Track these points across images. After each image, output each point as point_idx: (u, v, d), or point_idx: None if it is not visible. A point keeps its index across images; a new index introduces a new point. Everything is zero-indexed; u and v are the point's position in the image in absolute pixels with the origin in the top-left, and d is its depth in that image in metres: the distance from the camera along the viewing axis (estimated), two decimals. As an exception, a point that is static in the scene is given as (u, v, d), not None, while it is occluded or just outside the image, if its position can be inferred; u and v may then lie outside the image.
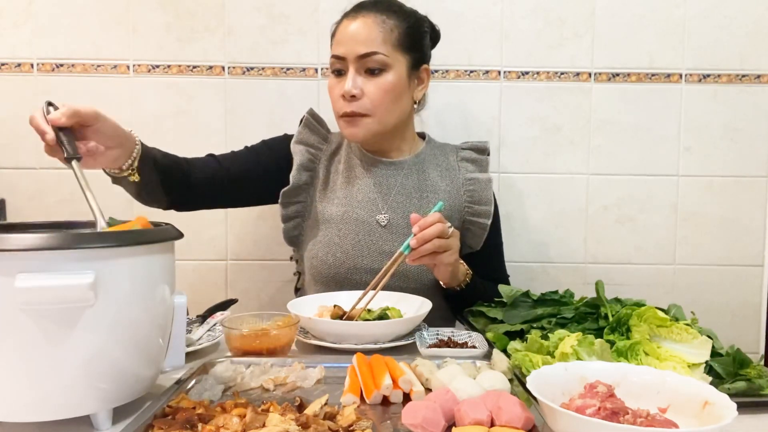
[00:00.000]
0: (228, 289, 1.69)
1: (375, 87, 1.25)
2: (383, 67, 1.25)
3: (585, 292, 1.17)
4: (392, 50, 1.25)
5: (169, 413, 0.73)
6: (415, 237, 1.09)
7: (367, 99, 1.25)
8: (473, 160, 1.40)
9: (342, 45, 1.25)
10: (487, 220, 1.35)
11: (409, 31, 1.28)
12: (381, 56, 1.24)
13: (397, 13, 1.28)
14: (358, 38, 1.24)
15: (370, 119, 1.27)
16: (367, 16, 1.25)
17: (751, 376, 0.85)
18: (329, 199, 1.35)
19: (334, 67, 1.28)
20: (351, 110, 1.25)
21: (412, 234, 1.10)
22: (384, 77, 1.25)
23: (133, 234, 0.76)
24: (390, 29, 1.25)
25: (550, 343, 0.89)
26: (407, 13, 1.30)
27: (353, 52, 1.24)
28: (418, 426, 0.69)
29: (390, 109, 1.28)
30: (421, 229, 1.10)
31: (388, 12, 1.26)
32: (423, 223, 1.10)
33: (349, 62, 1.25)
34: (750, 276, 1.71)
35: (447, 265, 1.16)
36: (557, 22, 1.65)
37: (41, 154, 0.94)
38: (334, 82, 1.28)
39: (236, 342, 0.97)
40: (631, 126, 1.67)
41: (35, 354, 0.69)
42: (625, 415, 0.66)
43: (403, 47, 1.27)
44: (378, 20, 1.25)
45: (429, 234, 1.09)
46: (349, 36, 1.25)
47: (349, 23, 1.26)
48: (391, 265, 1.13)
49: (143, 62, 1.63)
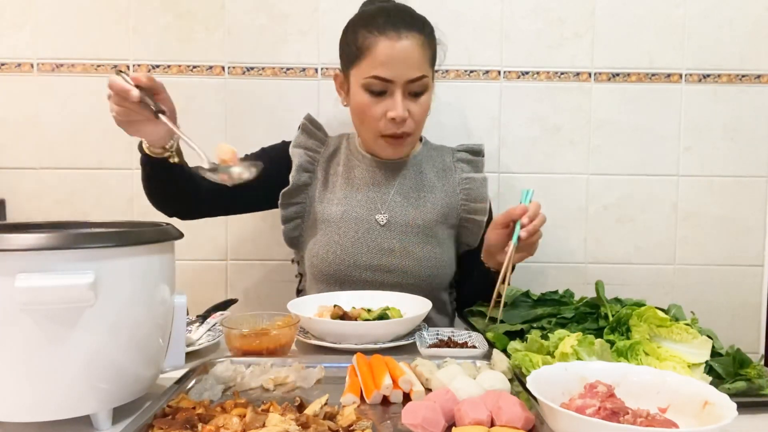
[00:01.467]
0: (228, 289, 1.69)
1: (419, 108, 1.28)
2: (426, 88, 1.28)
3: (585, 292, 1.17)
4: (430, 70, 1.28)
5: (169, 413, 0.73)
6: (526, 228, 1.11)
7: (412, 120, 1.28)
8: (469, 161, 1.41)
9: (389, 68, 1.23)
10: (483, 217, 1.36)
11: (434, 47, 1.31)
12: (426, 79, 1.27)
13: (427, 30, 1.28)
14: (408, 62, 1.23)
15: (411, 137, 1.31)
16: (409, 37, 1.23)
17: (751, 376, 0.85)
18: (328, 199, 1.36)
19: (375, 88, 1.25)
20: (401, 132, 1.27)
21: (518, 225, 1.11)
22: (425, 97, 1.28)
23: (133, 234, 0.76)
24: (427, 48, 1.27)
25: (550, 343, 0.89)
26: (431, 28, 1.31)
27: (403, 76, 1.24)
28: (418, 426, 0.69)
29: (423, 125, 1.33)
30: (530, 219, 1.11)
31: (422, 31, 1.26)
32: (532, 213, 1.12)
33: (397, 86, 1.24)
34: (750, 276, 1.71)
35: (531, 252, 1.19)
36: (557, 22, 1.65)
37: (41, 154, 0.95)
38: (372, 101, 1.26)
39: (236, 342, 0.97)
40: (631, 126, 1.67)
41: (35, 354, 0.69)
42: (625, 415, 0.66)
43: (432, 63, 1.30)
44: (419, 41, 1.24)
45: (538, 224, 1.13)
46: (399, 59, 1.23)
47: (393, 44, 1.23)
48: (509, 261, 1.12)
49: (143, 62, 1.63)
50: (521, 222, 1.11)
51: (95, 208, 1.64)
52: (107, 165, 1.65)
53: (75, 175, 1.63)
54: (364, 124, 1.30)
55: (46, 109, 1.62)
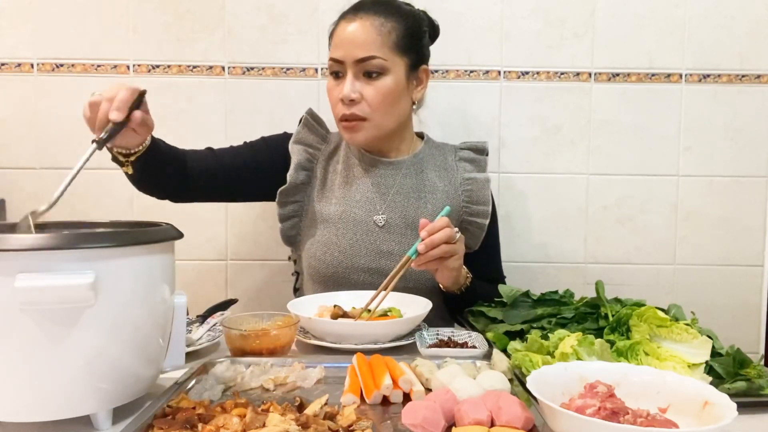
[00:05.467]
0: (228, 289, 1.69)
1: (374, 91, 1.25)
2: (381, 70, 1.25)
3: (585, 292, 1.17)
4: (390, 53, 1.25)
5: (169, 413, 0.73)
6: (423, 242, 1.09)
7: (366, 103, 1.25)
8: (471, 159, 1.40)
9: (340, 48, 1.25)
10: (485, 219, 1.35)
11: (408, 33, 1.28)
12: (379, 60, 1.24)
13: (395, 14, 1.27)
14: (356, 41, 1.23)
15: (368, 123, 1.27)
16: (365, 18, 1.24)
17: (751, 376, 0.85)
18: (327, 198, 1.35)
19: (333, 69, 1.28)
20: (350, 113, 1.25)
21: (420, 239, 1.10)
22: (382, 81, 1.25)
23: (133, 234, 0.76)
24: (388, 32, 1.24)
25: (550, 343, 0.89)
26: (405, 13, 1.30)
27: (351, 55, 1.23)
28: (418, 426, 0.69)
29: (388, 113, 1.28)
30: (429, 234, 1.09)
31: (386, 14, 1.26)
32: (431, 228, 1.10)
33: (347, 66, 1.24)
34: (750, 276, 1.71)
35: (452, 270, 1.16)
36: (557, 22, 1.65)
37: (41, 154, 0.95)
38: (333, 84, 1.28)
39: (236, 342, 0.97)
40: (631, 126, 1.67)
41: (35, 354, 0.69)
42: (625, 415, 0.66)
43: (402, 49, 1.26)
44: (376, 23, 1.24)
45: (437, 239, 1.09)
46: (347, 39, 1.24)
47: (347, 25, 1.25)
48: (399, 269, 1.13)
49: (143, 62, 1.63)
50: (421, 236, 1.10)
51: (95, 208, 1.64)
52: (107, 165, 1.63)
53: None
54: (332, 110, 1.30)
55: (46, 109, 1.62)
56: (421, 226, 1.11)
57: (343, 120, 1.27)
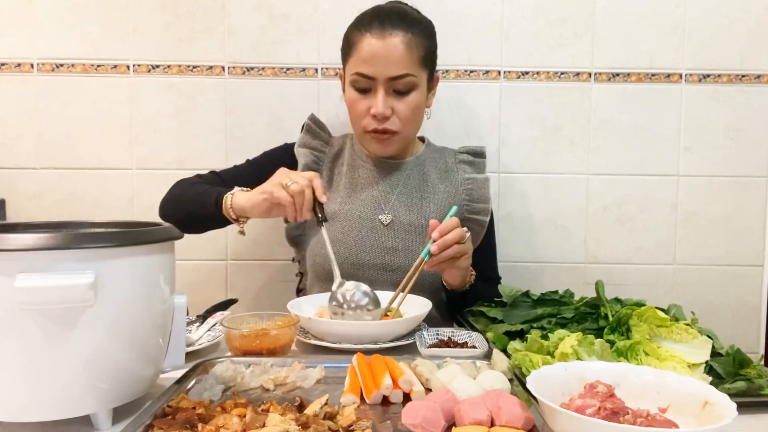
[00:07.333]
0: (228, 289, 1.69)
1: (404, 106, 1.27)
2: (412, 87, 1.27)
3: (585, 292, 1.17)
4: (418, 69, 1.27)
5: (169, 413, 0.73)
6: (436, 243, 1.09)
7: (397, 118, 1.28)
8: (471, 162, 1.42)
9: (371, 65, 1.24)
10: (485, 217, 1.37)
11: (430, 47, 1.30)
12: (411, 78, 1.26)
13: (419, 28, 1.28)
14: (389, 60, 1.24)
15: (398, 136, 1.30)
16: (395, 34, 1.24)
17: (751, 376, 0.85)
18: (332, 198, 1.36)
19: (359, 85, 1.27)
20: (382, 128, 1.27)
21: (431, 240, 1.10)
22: (412, 96, 1.27)
23: (133, 234, 0.76)
24: (416, 47, 1.26)
25: (550, 343, 0.89)
26: (426, 26, 1.31)
27: (384, 73, 1.24)
28: (418, 426, 0.69)
29: (415, 124, 1.33)
30: (441, 234, 1.10)
31: (412, 29, 1.26)
32: (443, 228, 1.10)
33: (379, 83, 1.25)
34: (750, 276, 1.71)
35: (461, 269, 1.17)
36: (557, 22, 1.65)
37: (41, 154, 0.95)
38: (357, 97, 1.29)
39: (236, 342, 0.97)
40: (631, 126, 1.67)
41: (35, 354, 0.69)
42: (625, 415, 0.66)
43: (425, 63, 1.29)
44: (405, 39, 1.24)
45: (450, 240, 1.10)
46: (380, 56, 1.24)
47: (377, 42, 1.24)
48: (414, 271, 1.13)
49: (143, 62, 1.63)
50: (433, 237, 1.10)
51: (95, 208, 1.64)
52: (107, 165, 1.65)
53: (75, 175, 1.63)
54: (354, 121, 1.33)
55: (46, 109, 1.62)
56: (432, 227, 1.11)
57: (371, 132, 1.29)
